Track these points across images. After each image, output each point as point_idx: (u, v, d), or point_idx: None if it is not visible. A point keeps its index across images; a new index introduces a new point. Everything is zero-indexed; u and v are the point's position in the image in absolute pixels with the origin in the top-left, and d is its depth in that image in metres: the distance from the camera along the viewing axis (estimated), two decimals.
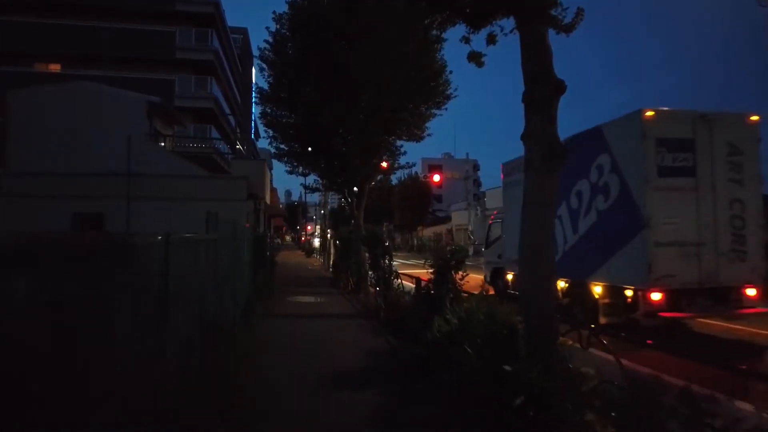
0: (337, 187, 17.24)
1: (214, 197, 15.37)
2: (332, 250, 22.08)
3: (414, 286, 8.26)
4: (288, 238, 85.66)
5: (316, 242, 39.90)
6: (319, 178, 18.04)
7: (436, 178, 53.89)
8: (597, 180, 9.02)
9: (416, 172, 56.67)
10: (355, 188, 16.58)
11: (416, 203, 54.98)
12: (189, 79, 29.89)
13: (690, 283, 7.93)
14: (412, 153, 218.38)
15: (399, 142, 16.32)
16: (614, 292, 8.68)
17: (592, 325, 5.12)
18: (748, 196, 8.17)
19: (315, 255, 38.17)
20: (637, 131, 7.96)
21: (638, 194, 8.00)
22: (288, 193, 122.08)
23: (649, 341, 4.83)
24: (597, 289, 9.07)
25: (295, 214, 69.45)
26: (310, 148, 16.16)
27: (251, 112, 44.58)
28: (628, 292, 8.32)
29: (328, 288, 15.59)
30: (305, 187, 16.57)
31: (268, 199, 23.20)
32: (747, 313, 8.15)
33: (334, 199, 51.76)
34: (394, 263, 11.58)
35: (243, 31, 47.71)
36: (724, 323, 9.07)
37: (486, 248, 15.09)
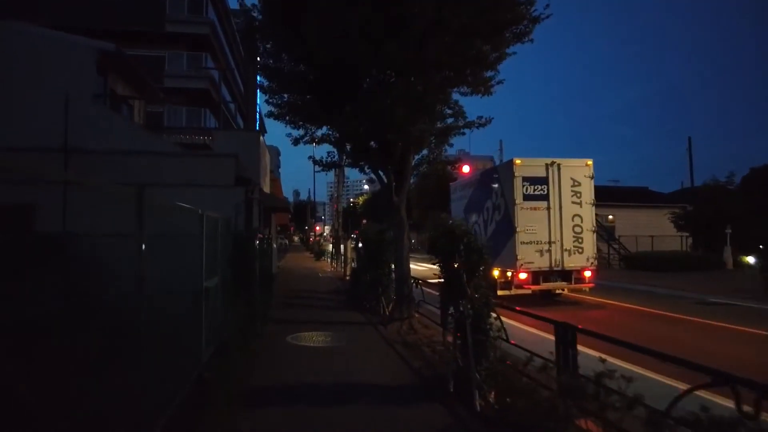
0: (366, 160, 11.48)
1: (188, 182, 11.06)
2: (348, 254, 19.44)
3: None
4: (296, 238, 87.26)
5: (331, 246, 33.13)
6: (336, 147, 11.78)
7: (466, 168, 47.13)
8: (495, 201, 13.82)
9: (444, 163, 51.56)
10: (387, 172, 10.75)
11: (436, 199, 46.59)
12: (181, 56, 25.78)
13: (544, 267, 12.69)
14: None
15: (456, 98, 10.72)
16: (503, 273, 13.47)
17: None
18: (584, 212, 12.90)
19: (325, 258, 34.18)
20: (510, 172, 12.73)
21: (512, 212, 12.78)
22: (296, 193, 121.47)
23: (517, 308, 8.82)
24: (496, 272, 13.85)
25: (303, 213, 72.15)
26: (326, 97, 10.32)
27: (256, 103, 40.25)
28: (509, 273, 13.10)
29: (349, 311, 11.34)
30: (317, 162, 11.83)
31: (266, 187, 17.13)
32: (583, 287, 12.92)
33: (350, 192, 47.89)
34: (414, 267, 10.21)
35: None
36: (576, 294, 13.83)
37: None
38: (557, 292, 13.59)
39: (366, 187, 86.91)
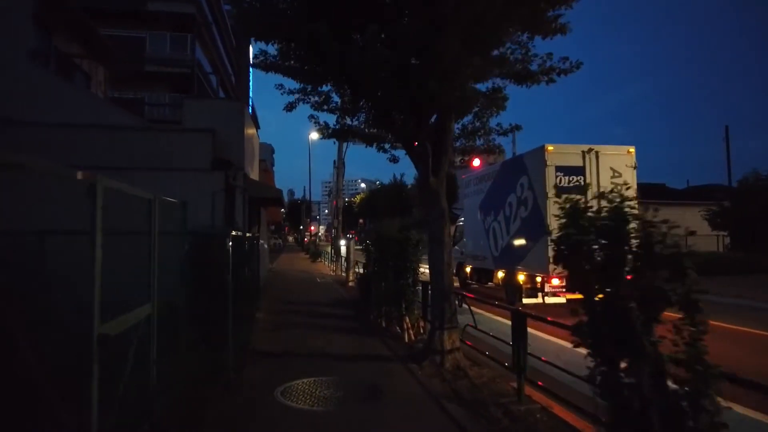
0: (388, 125, 7.44)
1: (151, 164, 8.78)
2: (352, 257, 17.31)
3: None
4: (291, 238, 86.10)
5: (330, 247, 28.63)
6: (346, 107, 7.69)
7: (476, 162, 48.43)
8: (520, 195, 11.98)
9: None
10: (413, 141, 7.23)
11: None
12: (163, 37, 23.09)
13: None
14: None
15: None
16: (530, 278, 11.63)
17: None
18: None
19: (323, 259, 31.46)
20: (542, 161, 10.89)
21: (543, 207, 10.93)
22: (291, 192, 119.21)
23: (549, 317, 6.43)
24: (521, 277, 12.02)
25: (298, 212, 70.12)
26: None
27: (248, 96, 35.98)
28: (539, 279, 11.27)
29: (362, 334, 8.60)
30: (321, 128, 7.81)
31: (255, 174, 13.62)
32: None
33: (345, 191, 43.84)
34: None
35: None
36: None
37: (455, 245, 18.13)
38: None
39: (363, 185, 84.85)
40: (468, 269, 16.10)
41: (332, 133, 7.74)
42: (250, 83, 40.74)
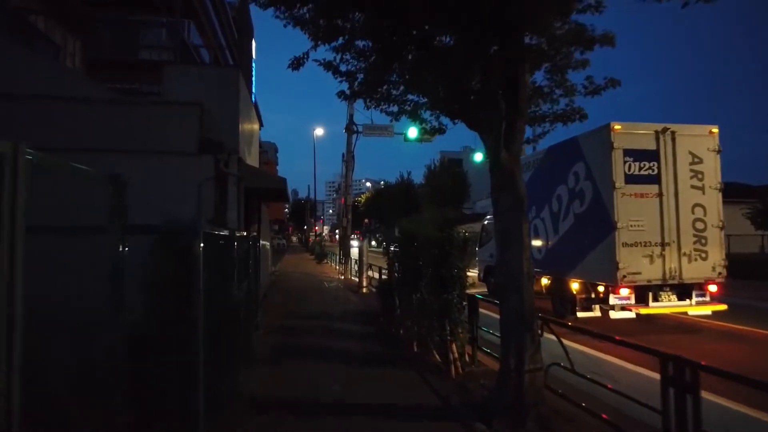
0: (440, 73, 4.65)
1: (118, 146, 6.73)
2: (365, 258, 15.39)
3: None
4: (294, 238, 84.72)
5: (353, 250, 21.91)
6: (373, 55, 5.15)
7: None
8: (574, 186, 9.90)
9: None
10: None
11: (448, 196, 41.30)
12: (158, 23, 20.89)
13: (656, 280, 8.80)
14: (431, 146, 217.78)
15: None
16: (589, 287, 9.56)
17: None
18: (708, 201, 9.01)
19: (329, 261, 29.58)
20: (607, 143, 8.82)
21: (608, 199, 8.87)
22: (294, 192, 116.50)
23: (617, 337, 4.77)
24: (574, 285, 9.95)
25: (302, 212, 68.35)
26: None
27: (251, 91, 37.26)
28: (600, 288, 9.21)
29: (392, 366, 6.47)
30: (350, 86, 5.48)
31: (254, 160, 11.71)
32: (709, 308, 9.00)
33: (354, 190, 39.93)
34: None
35: None
36: (698, 319, 9.74)
37: (479, 248, 16.01)
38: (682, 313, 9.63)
39: (368, 184, 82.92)
40: None
41: (363, 87, 5.44)
42: (253, 79, 39.15)
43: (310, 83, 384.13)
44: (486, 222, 15.75)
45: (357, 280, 16.20)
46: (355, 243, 22.16)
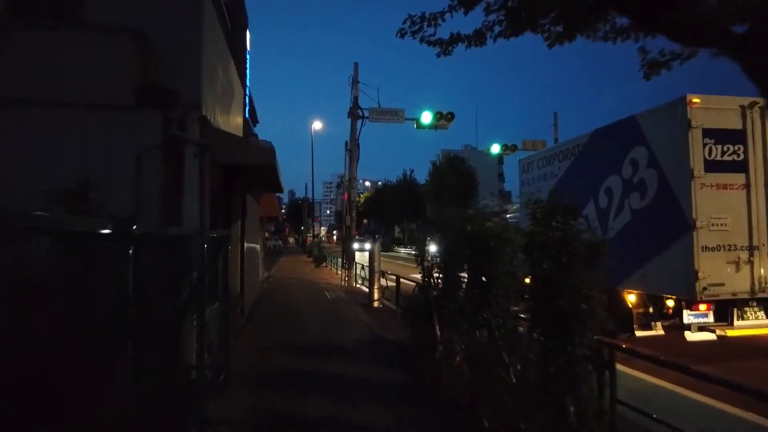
0: None
1: (17, 93, 4.75)
2: (377, 264, 12.65)
3: None
4: (291, 240, 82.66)
5: (364, 251, 20.23)
6: None
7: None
8: (631, 176, 8.10)
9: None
10: None
11: (458, 193, 38.31)
12: None
13: (742, 293, 7.01)
14: (430, 145, 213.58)
15: None
16: (652, 301, 7.77)
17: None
18: None
19: (328, 264, 27.64)
20: (681, 120, 7.02)
21: (681, 192, 7.07)
22: (291, 193, 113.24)
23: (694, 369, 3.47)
24: (631, 298, 8.14)
25: (299, 213, 66.42)
26: None
27: (245, 85, 35.18)
28: (669, 302, 7.41)
29: None
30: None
31: (234, 128, 9.03)
32: None
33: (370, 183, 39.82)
34: None
35: None
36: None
37: None
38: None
39: (367, 184, 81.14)
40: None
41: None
42: (247, 72, 37.62)
43: (309, 83, 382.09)
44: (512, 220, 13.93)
45: (365, 289, 13.86)
46: (356, 246, 19.85)
